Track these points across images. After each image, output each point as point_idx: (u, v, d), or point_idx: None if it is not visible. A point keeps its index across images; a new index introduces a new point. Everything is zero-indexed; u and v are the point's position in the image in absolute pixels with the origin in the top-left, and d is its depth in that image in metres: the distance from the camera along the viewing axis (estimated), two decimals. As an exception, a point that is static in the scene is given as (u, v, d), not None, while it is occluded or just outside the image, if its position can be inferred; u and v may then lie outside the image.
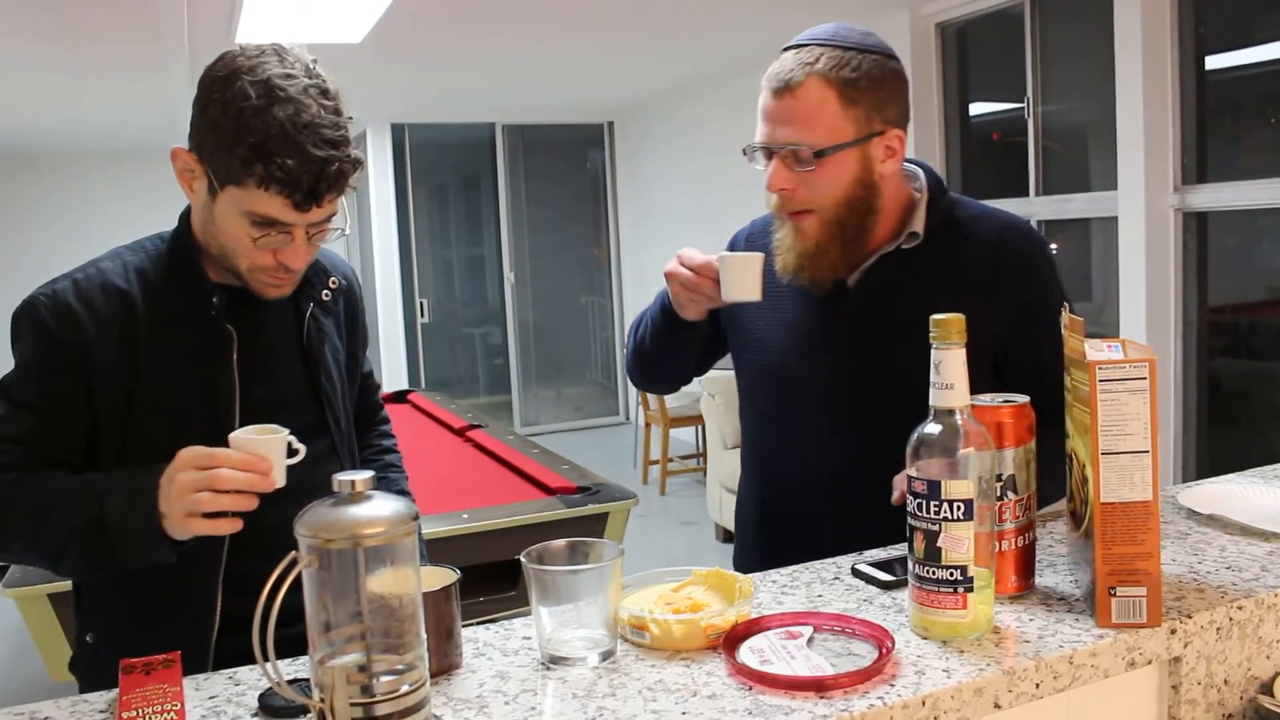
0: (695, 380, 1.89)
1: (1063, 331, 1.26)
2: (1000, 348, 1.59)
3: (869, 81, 1.51)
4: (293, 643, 1.06)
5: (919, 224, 1.59)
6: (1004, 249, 1.59)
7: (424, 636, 1.01)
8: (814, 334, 1.64)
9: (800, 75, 1.50)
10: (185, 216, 1.50)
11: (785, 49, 1.56)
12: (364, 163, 1.42)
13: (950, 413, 1.14)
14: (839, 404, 1.61)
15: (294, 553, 0.96)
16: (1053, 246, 4.84)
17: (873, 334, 1.59)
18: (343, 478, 0.98)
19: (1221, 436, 4.26)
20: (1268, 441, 4.16)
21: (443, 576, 1.19)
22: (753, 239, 1.76)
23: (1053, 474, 1.37)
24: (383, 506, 0.98)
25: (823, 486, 1.63)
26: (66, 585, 1.59)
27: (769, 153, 1.55)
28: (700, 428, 6.80)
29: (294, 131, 1.31)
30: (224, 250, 1.43)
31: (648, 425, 6.96)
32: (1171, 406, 4.18)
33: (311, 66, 1.38)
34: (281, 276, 1.44)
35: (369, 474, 0.99)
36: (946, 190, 1.64)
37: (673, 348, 1.75)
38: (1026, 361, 1.55)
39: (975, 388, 1.52)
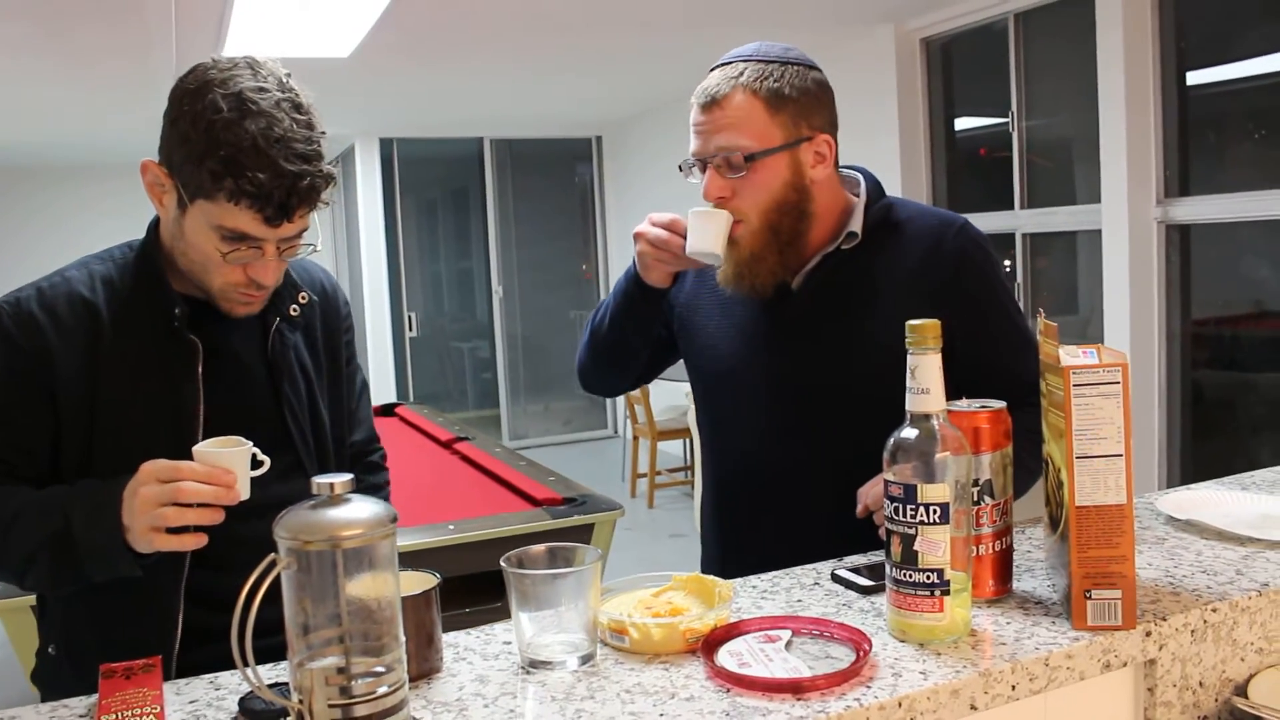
0: (682, 394, 1.89)
1: (1037, 337, 1.28)
2: (946, 345, 1.61)
3: (792, 90, 1.57)
4: (266, 654, 1.06)
5: (857, 224, 1.63)
6: (940, 246, 1.62)
7: (403, 639, 1.02)
8: (761, 336, 1.67)
9: (726, 88, 1.57)
10: (154, 226, 1.49)
11: (712, 69, 1.63)
12: (336, 178, 1.41)
13: (926, 417, 1.15)
14: (786, 405, 1.64)
15: (273, 555, 0.96)
16: (1040, 261, 4.87)
17: (816, 334, 1.63)
18: (321, 480, 0.99)
19: (1205, 446, 4.28)
20: (1250, 451, 4.18)
21: (423, 581, 1.19)
22: None
23: (1023, 457, 1.39)
24: (361, 509, 0.98)
25: (773, 487, 1.66)
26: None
27: (703, 166, 1.61)
28: (688, 441, 6.81)
29: (266, 145, 1.30)
30: (193, 266, 1.41)
31: (635, 438, 6.97)
32: (1156, 417, 4.21)
33: (285, 80, 1.37)
34: (252, 293, 1.42)
35: (348, 477, 0.99)
36: (884, 193, 1.69)
37: (630, 326, 1.75)
38: (971, 359, 1.54)
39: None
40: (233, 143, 1.29)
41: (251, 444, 1.28)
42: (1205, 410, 4.31)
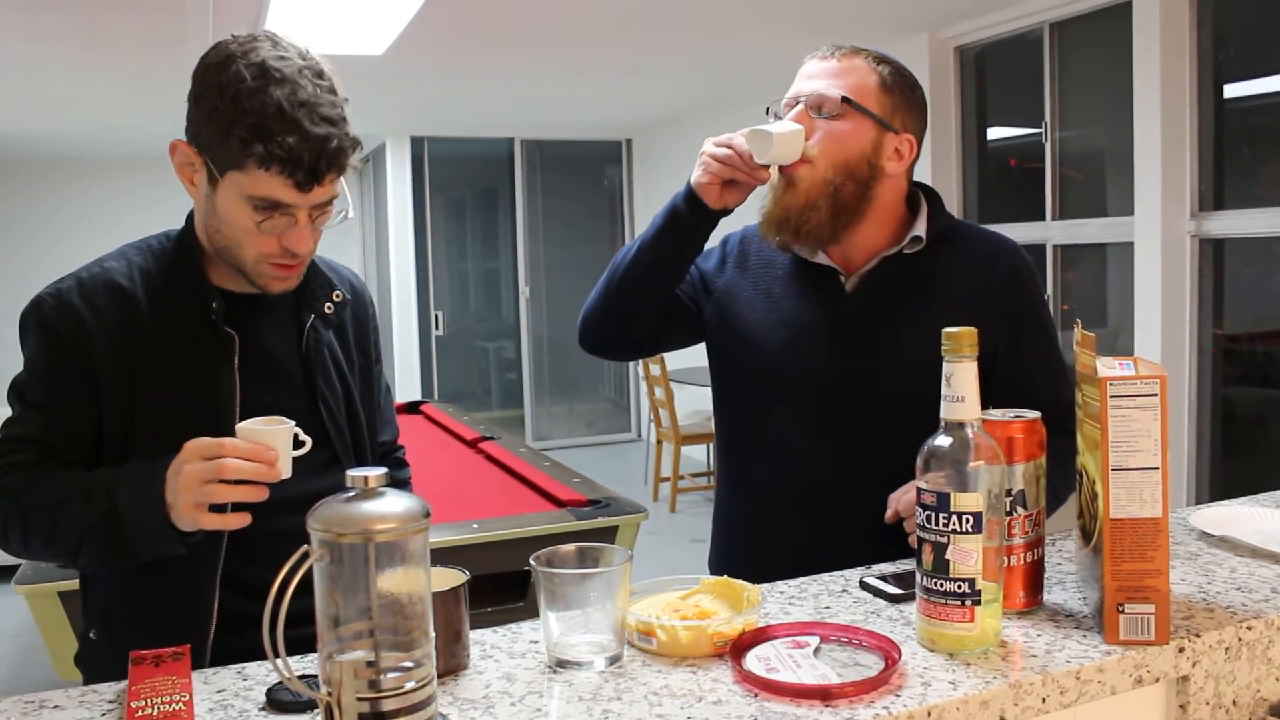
0: (706, 398, 1.86)
1: (1074, 348, 1.26)
2: (988, 359, 1.61)
3: (903, 84, 1.63)
4: (297, 644, 1.07)
5: (921, 229, 1.64)
6: (996, 263, 1.66)
7: (432, 635, 1.02)
8: (811, 333, 1.66)
9: (849, 51, 1.63)
10: (191, 217, 1.50)
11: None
12: (361, 143, 1.42)
13: (961, 425, 1.14)
14: (833, 404, 1.64)
15: (305, 546, 0.97)
16: (1071, 276, 4.84)
17: (871, 336, 1.63)
18: (355, 474, 0.99)
19: (1235, 463, 4.24)
20: (1281, 470, 4.14)
21: (452, 578, 1.19)
22: (746, 242, 1.79)
23: (1055, 476, 1.38)
24: (395, 503, 0.98)
25: (812, 486, 1.65)
26: (75, 583, 1.60)
27: (793, 108, 1.62)
28: (711, 445, 6.79)
29: (291, 110, 1.31)
30: (227, 244, 1.42)
31: (659, 442, 6.96)
32: (1185, 432, 4.17)
33: (305, 51, 1.39)
34: (287, 265, 1.43)
35: (382, 471, 0.99)
36: (945, 208, 1.72)
37: (663, 257, 1.67)
38: (1010, 377, 1.58)
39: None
40: (258, 109, 1.30)
41: (293, 423, 1.29)
42: (1236, 426, 4.26)
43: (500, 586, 2.81)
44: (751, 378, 1.72)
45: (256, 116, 1.30)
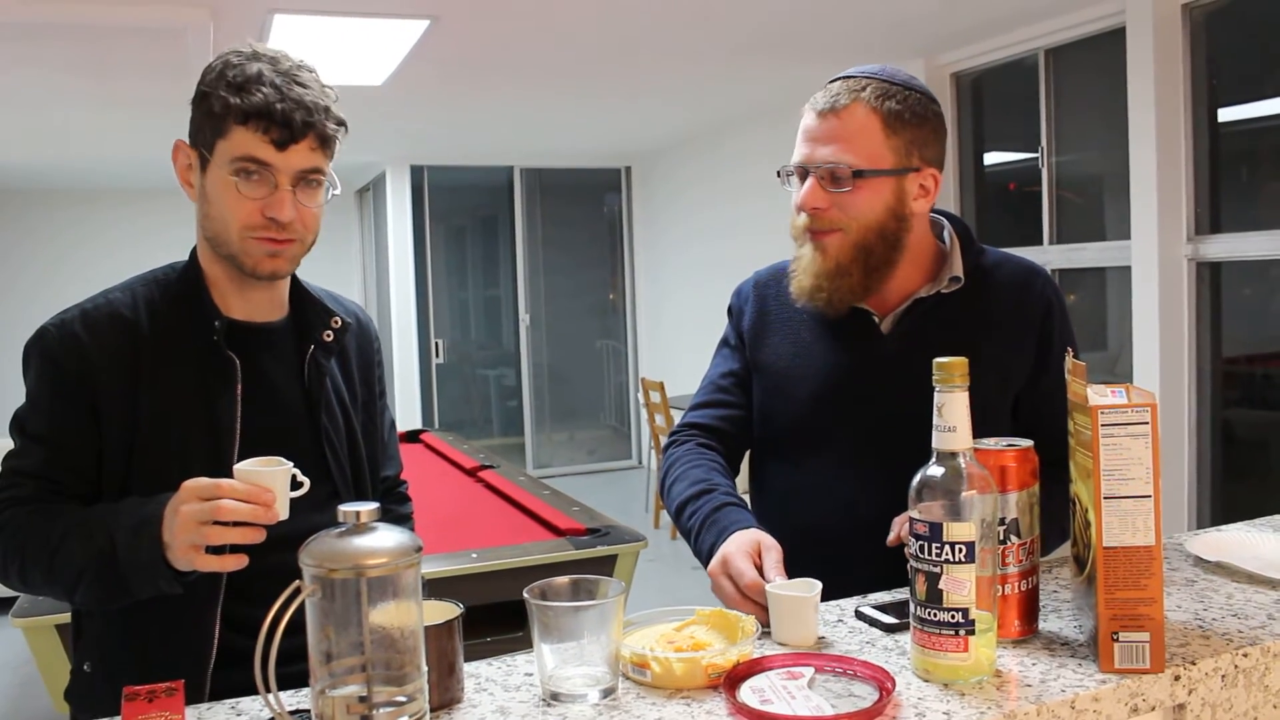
0: None
1: (1066, 376, 1.27)
2: (1022, 389, 1.62)
3: (912, 116, 1.56)
4: (294, 680, 1.07)
5: (958, 268, 1.62)
6: (1029, 292, 1.64)
7: (425, 669, 1.02)
8: (848, 378, 1.64)
9: (846, 99, 1.55)
10: (194, 251, 1.53)
11: (832, 80, 1.60)
12: (346, 124, 1.48)
13: (953, 455, 1.15)
14: (875, 447, 1.60)
15: (297, 582, 0.97)
16: (1070, 297, 4.85)
17: (910, 378, 1.57)
18: (347, 509, 0.99)
19: (1236, 487, 4.23)
20: (1282, 493, 4.13)
21: (446, 611, 1.19)
22: (761, 286, 1.77)
23: (1060, 524, 1.37)
24: (386, 538, 0.99)
25: (858, 531, 1.57)
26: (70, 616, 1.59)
27: (804, 175, 1.57)
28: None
29: (272, 75, 1.40)
30: (216, 231, 1.45)
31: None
32: (1185, 456, 4.16)
33: (302, 61, 1.48)
34: (273, 238, 1.44)
35: (374, 506, 1.00)
36: (974, 237, 1.68)
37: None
38: (1034, 406, 1.58)
39: (1002, 426, 1.52)
40: (240, 74, 1.40)
41: (292, 464, 1.29)
42: (1236, 450, 4.26)
43: (499, 616, 2.80)
44: (789, 423, 1.69)
45: (237, 78, 1.40)
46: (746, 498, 1.70)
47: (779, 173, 1.63)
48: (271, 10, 4.03)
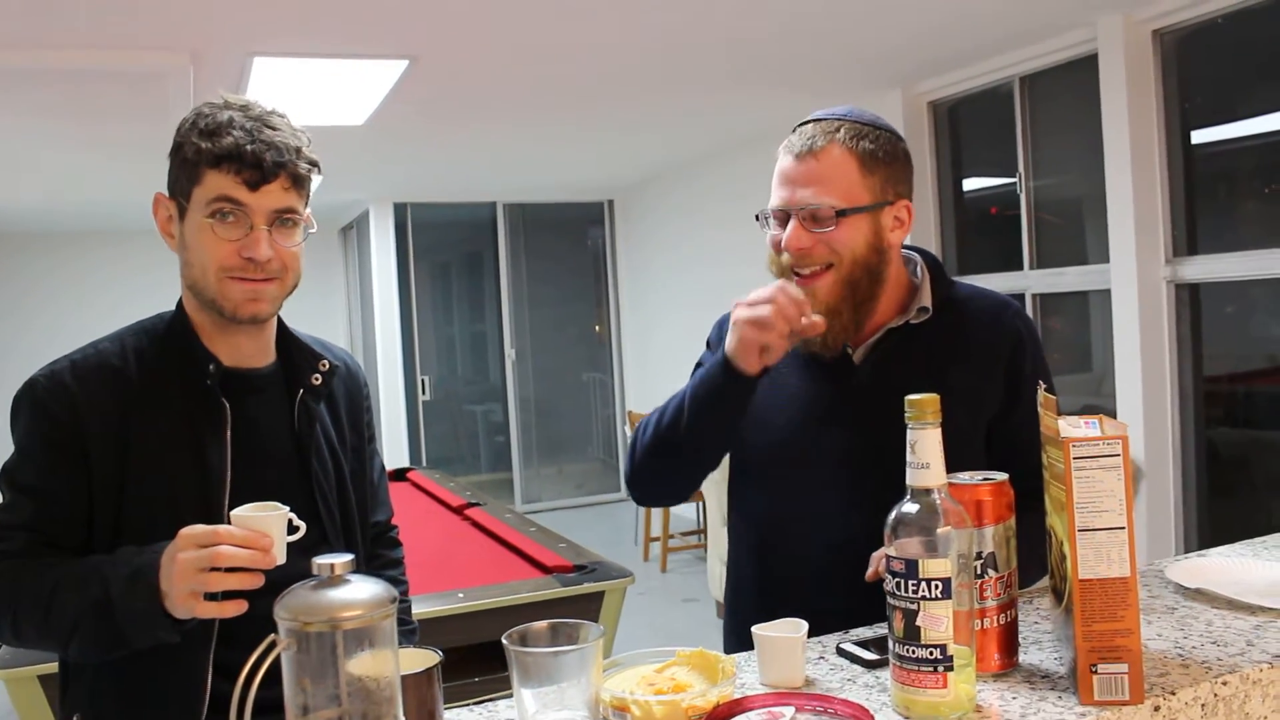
0: None
1: (1039, 410, 1.28)
2: (994, 420, 1.63)
3: (885, 154, 1.60)
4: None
5: (927, 299, 1.65)
6: (999, 323, 1.67)
7: (402, 718, 1.01)
8: (822, 408, 1.66)
9: (823, 141, 1.58)
10: (180, 302, 1.54)
11: (804, 123, 1.63)
12: (319, 165, 1.50)
13: (927, 492, 1.15)
14: (850, 477, 1.62)
15: (273, 635, 0.97)
16: (1054, 320, 4.87)
17: (882, 407, 1.59)
18: (322, 560, 0.99)
19: (1222, 506, 4.24)
20: (1268, 510, 4.14)
21: (425, 659, 1.19)
22: None
23: (1040, 557, 1.37)
24: (361, 590, 0.99)
25: (834, 560, 1.59)
26: (54, 667, 1.58)
27: (783, 218, 1.60)
28: (701, 504, 6.78)
29: (243, 120, 1.43)
30: (195, 277, 1.46)
31: (649, 501, 6.93)
32: (1170, 476, 4.17)
33: (275, 109, 1.50)
34: (251, 279, 1.45)
35: (348, 557, 1.00)
36: (944, 271, 1.72)
37: (716, 421, 1.62)
38: (1008, 438, 1.59)
39: (975, 459, 1.53)
40: (211, 123, 1.43)
41: (288, 509, 1.29)
42: (1221, 469, 4.27)
43: (486, 656, 2.79)
44: (766, 457, 1.71)
45: (209, 125, 1.42)
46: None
47: (757, 216, 1.66)
48: (251, 53, 4.05)
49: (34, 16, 3.50)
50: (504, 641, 1.17)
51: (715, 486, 5.34)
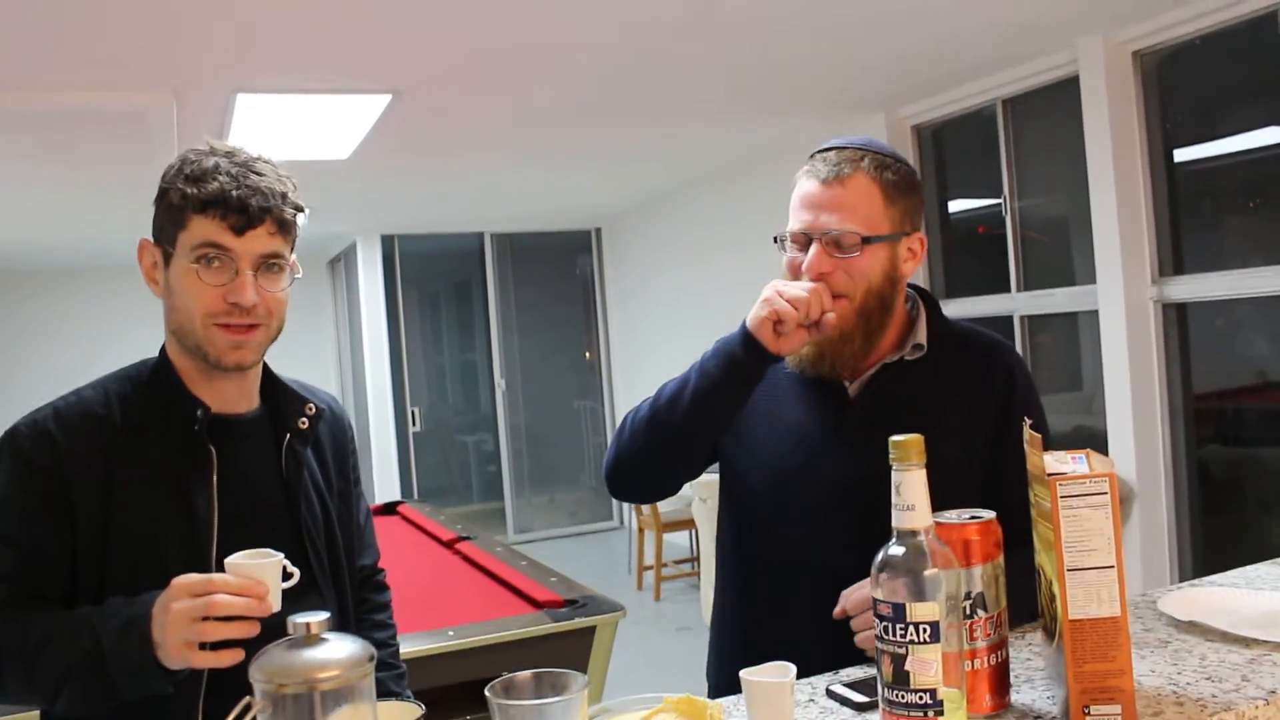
0: (686, 484, 1.81)
1: (1024, 446, 1.26)
2: (986, 456, 1.62)
3: (906, 186, 1.63)
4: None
5: (922, 336, 1.66)
6: (991, 361, 1.67)
7: (382, 780, 0.99)
8: (816, 441, 1.65)
9: (849, 169, 1.60)
10: (164, 348, 1.53)
11: (825, 149, 1.64)
12: (304, 210, 1.49)
13: (914, 533, 1.14)
14: (843, 510, 1.61)
15: (248, 698, 0.95)
16: (1043, 340, 4.88)
17: (877, 441, 1.58)
18: (298, 620, 0.98)
19: (1215, 524, 4.24)
20: (1260, 528, 4.13)
21: (407, 712, 1.17)
22: None
23: (1029, 601, 1.36)
24: (338, 649, 0.97)
25: (826, 593, 1.55)
26: (36, 716, 1.55)
27: (804, 241, 1.60)
28: (693, 532, 6.76)
29: (228, 165, 1.42)
30: (181, 322, 1.45)
31: (641, 530, 6.91)
32: (1163, 495, 4.16)
33: (260, 154, 1.50)
34: (237, 325, 1.44)
35: (324, 615, 0.98)
36: (941, 311, 1.72)
37: (724, 404, 1.60)
38: (1004, 474, 1.55)
39: (969, 496, 1.52)
40: (196, 169, 1.43)
41: (282, 555, 1.28)
42: (1213, 487, 4.27)
43: (477, 694, 2.76)
44: (759, 489, 1.70)
45: (194, 171, 1.42)
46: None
47: (776, 238, 1.66)
48: (235, 90, 4.05)
49: (18, 59, 3.50)
50: (487, 694, 1.15)
51: (709, 513, 5.32)
